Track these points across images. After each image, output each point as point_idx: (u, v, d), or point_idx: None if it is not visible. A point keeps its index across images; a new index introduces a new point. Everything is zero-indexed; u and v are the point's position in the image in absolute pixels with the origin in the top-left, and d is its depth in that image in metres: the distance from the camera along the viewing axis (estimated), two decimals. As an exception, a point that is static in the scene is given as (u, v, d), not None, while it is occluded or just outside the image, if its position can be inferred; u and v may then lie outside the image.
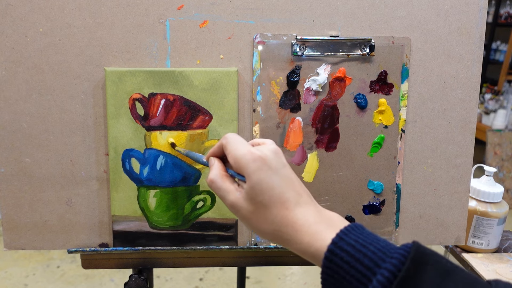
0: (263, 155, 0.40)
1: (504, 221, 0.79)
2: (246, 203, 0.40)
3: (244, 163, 0.40)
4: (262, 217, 0.40)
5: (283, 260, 0.66)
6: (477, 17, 0.59)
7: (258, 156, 0.40)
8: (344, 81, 0.59)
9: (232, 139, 0.43)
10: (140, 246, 0.61)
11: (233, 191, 0.42)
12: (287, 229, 0.39)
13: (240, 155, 0.41)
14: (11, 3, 0.54)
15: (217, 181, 0.43)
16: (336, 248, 0.36)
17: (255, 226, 0.41)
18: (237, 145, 0.42)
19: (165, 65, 0.58)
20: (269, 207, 0.39)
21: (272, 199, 0.39)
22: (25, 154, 0.58)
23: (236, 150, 0.41)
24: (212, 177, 0.43)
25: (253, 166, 0.40)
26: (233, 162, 0.41)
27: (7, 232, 0.61)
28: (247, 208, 0.40)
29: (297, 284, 1.88)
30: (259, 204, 0.40)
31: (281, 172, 0.41)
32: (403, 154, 0.62)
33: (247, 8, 0.57)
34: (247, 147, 0.41)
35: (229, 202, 0.42)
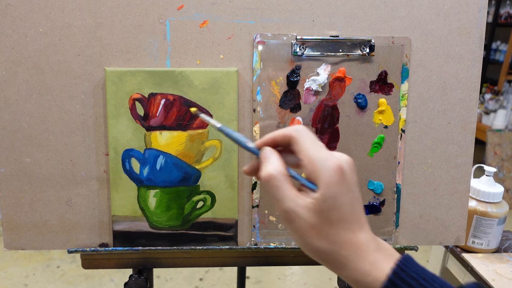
0: (343, 167, 0.35)
1: (504, 221, 0.79)
2: (309, 215, 0.35)
3: (324, 170, 0.35)
4: (324, 234, 0.35)
5: (283, 260, 0.66)
6: (477, 17, 0.59)
7: (339, 167, 0.35)
8: (344, 81, 0.59)
9: (305, 134, 0.37)
10: (140, 246, 0.61)
11: (295, 197, 0.36)
12: (348, 253, 0.35)
13: (319, 158, 0.35)
14: (11, 3, 0.54)
15: (278, 178, 0.36)
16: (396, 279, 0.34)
17: (309, 241, 0.36)
18: (314, 143, 0.36)
19: (165, 65, 0.58)
20: (334, 226, 0.35)
21: (341, 217, 0.35)
22: (25, 154, 0.58)
23: (314, 150, 0.36)
24: (273, 172, 0.36)
25: (333, 177, 0.35)
26: (307, 162, 0.36)
27: (7, 232, 0.61)
28: (308, 220, 0.35)
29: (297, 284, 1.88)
30: (325, 220, 0.35)
31: (355, 190, 0.36)
32: (403, 154, 0.62)
33: (247, 8, 0.57)
34: (327, 151, 0.36)
35: (285, 207, 0.36)
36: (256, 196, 0.61)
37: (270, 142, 0.39)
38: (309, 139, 0.37)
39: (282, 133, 0.38)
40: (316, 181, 0.35)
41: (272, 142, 0.39)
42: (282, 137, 0.38)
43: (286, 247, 0.63)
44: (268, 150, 0.38)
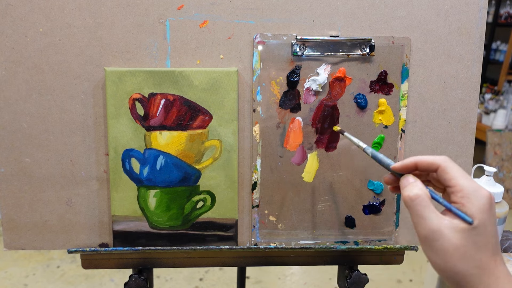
0: (491, 198, 0.38)
1: (504, 221, 0.79)
2: (455, 236, 0.37)
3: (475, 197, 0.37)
4: (468, 257, 0.36)
5: (283, 260, 0.66)
6: (477, 17, 0.59)
7: (488, 197, 0.37)
8: (344, 81, 0.59)
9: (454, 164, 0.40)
10: (140, 246, 0.61)
11: (442, 217, 0.38)
12: (490, 280, 0.36)
13: (472, 187, 0.38)
14: (11, 3, 0.54)
15: (425, 198, 0.38)
16: None
17: (452, 262, 0.37)
18: (465, 174, 0.39)
19: (165, 65, 0.58)
20: (480, 252, 0.37)
21: (487, 245, 0.37)
22: (25, 154, 0.58)
23: (465, 178, 0.38)
24: (420, 192, 0.39)
25: (485, 205, 0.37)
26: (458, 189, 0.38)
27: (7, 232, 0.61)
28: (454, 241, 0.37)
29: (297, 284, 1.88)
30: (472, 244, 0.37)
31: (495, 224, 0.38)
32: (403, 154, 0.62)
33: (247, 8, 0.57)
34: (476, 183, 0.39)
35: (433, 225, 0.37)
36: (256, 196, 0.61)
37: (411, 166, 0.42)
38: (458, 169, 0.39)
39: (429, 160, 0.41)
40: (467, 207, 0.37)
41: (413, 167, 0.42)
42: (428, 164, 0.41)
43: (286, 247, 0.63)
44: (412, 178, 0.41)
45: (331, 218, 0.63)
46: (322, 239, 0.63)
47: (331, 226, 0.63)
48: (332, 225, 0.63)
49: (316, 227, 0.63)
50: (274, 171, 0.61)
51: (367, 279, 0.65)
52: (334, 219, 0.63)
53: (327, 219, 0.63)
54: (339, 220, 0.63)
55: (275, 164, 0.61)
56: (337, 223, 0.63)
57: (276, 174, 0.61)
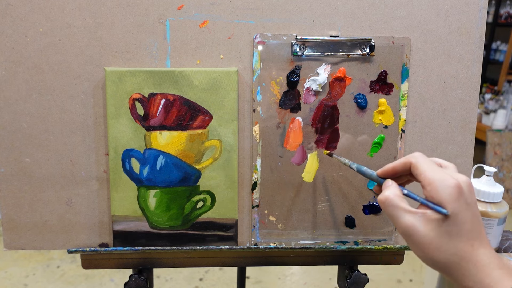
0: (461, 186, 0.38)
1: (504, 221, 0.79)
2: (428, 228, 0.38)
3: (442, 188, 0.38)
4: (444, 247, 0.38)
5: (283, 260, 0.66)
6: (477, 17, 0.59)
7: (457, 185, 0.38)
8: (344, 81, 0.59)
9: (423, 158, 0.41)
10: (140, 246, 0.61)
11: (412, 213, 0.39)
12: (468, 266, 0.38)
13: (438, 178, 0.39)
14: (11, 3, 0.54)
15: (393, 199, 0.40)
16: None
17: (429, 253, 0.39)
18: (433, 167, 0.40)
19: (165, 65, 0.58)
20: (453, 239, 0.38)
21: (460, 233, 0.38)
22: (25, 154, 0.58)
23: (432, 171, 0.40)
24: (389, 194, 0.41)
25: (452, 194, 0.38)
26: (427, 183, 0.39)
27: (7, 232, 0.61)
28: (427, 233, 0.38)
29: (297, 284, 1.88)
30: (444, 234, 0.38)
31: (474, 209, 0.39)
32: (403, 154, 0.62)
33: (247, 8, 0.57)
34: (444, 171, 0.40)
35: (405, 222, 0.39)
36: (256, 196, 0.61)
37: (390, 170, 0.44)
38: (427, 162, 0.41)
39: (402, 161, 0.43)
40: (435, 199, 0.38)
41: (392, 170, 0.44)
42: (403, 165, 0.43)
43: (286, 247, 0.63)
44: (389, 181, 0.43)
45: (331, 218, 0.63)
46: (322, 239, 0.63)
47: (331, 226, 0.63)
48: (332, 225, 0.63)
49: (316, 227, 0.63)
50: (274, 171, 0.61)
51: (367, 279, 0.65)
52: (334, 219, 0.63)
53: (327, 219, 0.63)
54: (339, 220, 0.63)
55: (275, 164, 0.61)
56: (337, 223, 0.63)
57: (276, 174, 0.61)
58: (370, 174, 0.47)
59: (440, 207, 0.38)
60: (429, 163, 0.41)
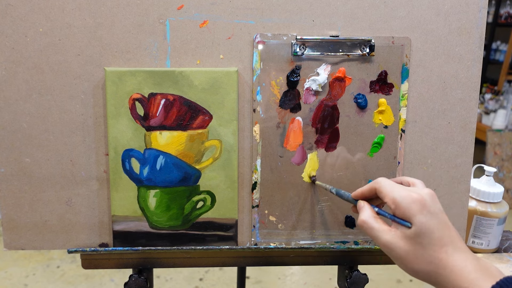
0: (422, 198, 0.42)
1: (504, 221, 0.79)
2: (403, 243, 0.42)
3: (405, 205, 0.42)
4: (420, 258, 0.41)
5: (283, 260, 0.66)
6: (477, 17, 0.59)
7: (417, 199, 0.41)
8: (344, 81, 0.59)
9: (385, 182, 0.45)
10: (140, 246, 0.61)
11: (387, 231, 0.43)
12: (445, 272, 0.40)
13: (399, 197, 0.42)
14: (11, 3, 0.54)
15: (369, 221, 0.44)
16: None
17: (410, 265, 0.42)
18: (393, 187, 0.44)
19: (165, 65, 0.58)
20: (427, 249, 0.41)
21: (431, 241, 0.40)
22: (25, 154, 0.58)
23: (394, 192, 0.43)
24: (365, 218, 0.45)
25: (414, 208, 0.41)
26: (391, 203, 0.43)
27: (7, 232, 0.61)
28: (404, 248, 0.42)
29: (297, 284, 1.88)
30: (417, 245, 0.41)
31: (439, 217, 0.42)
32: (403, 154, 0.62)
33: (247, 8, 0.57)
34: (405, 190, 0.43)
35: (383, 241, 0.43)
36: (256, 196, 0.61)
37: (359, 195, 0.49)
38: (389, 185, 0.45)
39: (367, 187, 0.48)
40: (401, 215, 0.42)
41: (360, 195, 0.49)
42: (369, 190, 0.47)
43: (286, 247, 0.63)
44: (360, 202, 0.48)
45: (331, 218, 0.63)
46: (322, 239, 0.63)
47: (331, 226, 0.63)
48: (332, 225, 0.63)
49: (316, 227, 0.63)
50: (274, 171, 0.61)
51: (367, 279, 0.65)
52: (334, 219, 0.63)
53: (327, 219, 0.63)
54: (339, 220, 0.63)
55: (275, 164, 0.61)
56: (337, 223, 0.63)
57: (276, 174, 0.61)
58: (347, 197, 0.52)
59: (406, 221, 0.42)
60: (391, 185, 0.44)
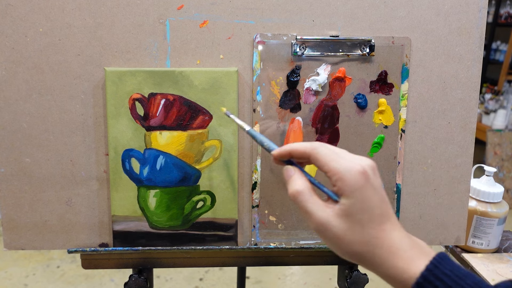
0: (366, 170, 0.37)
1: (504, 221, 0.79)
2: (340, 221, 0.37)
3: (348, 177, 0.37)
4: (357, 236, 0.37)
5: (283, 260, 0.66)
6: (477, 17, 0.59)
7: (362, 171, 0.37)
8: (344, 81, 0.59)
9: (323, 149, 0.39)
10: (140, 246, 0.61)
11: (324, 207, 0.38)
12: (382, 251, 0.37)
13: (342, 168, 0.37)
14: (11, 3, 0.54)
15: (305, 193, 0.39)
16: (430, 275, 0.35)
17: (344, 246, 0.38)
18: (335, 155, 0.38)
19: (165, 65, 0.58)
20: (366, 227, 0.37)
21: (372, 218, 0.37)
22: (25, 154, 0.58)
23: (335, 161, 0.38)
24: (300, 188, 0.39)
25: (359, 181, 0.37)
26: (331, 174, 0.38)
27: (7, 232, 0.61)
28: (340, 227, 0.37)
29: (297, 284, 1.88)
30: (356, 223, 0.37)
31: (381, 192, 0.38)
32: (403, 154, 0.62)
33: (247, 8, 0.57)
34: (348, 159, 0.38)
35: (318, 218, 0.38)
36: (256, 196, 0.61)
37: (287, 155, 0.42)
38: (328, 152, 0.39)
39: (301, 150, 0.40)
40: (342, 189, 0.37)
41: (288, 154, 0.42)
42: (301, 154, 0.41)
43: (286, 247, 0.63)
44: (291, 168, 0.41)
45: (331, 218, 0.63)
46: (322, 239, 0.63)
47: (331, 226, 0.63)
48: (332, 225, 0.63)
49: (316, 227, 0.63)
50: (274, 171, 0.61)
51: (367, 279, 0.65)
52: (334, 219, 0.63)
53: (327, 219, 0.63)
54: (339, 220, 0.63)
55: (275, 164, 0.61)
56: (337, 223, 0.63)
57: (276, 174, 0.61)
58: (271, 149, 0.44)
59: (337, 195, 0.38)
60: (331, 152, 0.39)
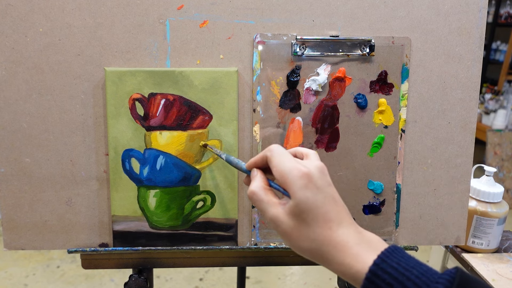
0: (310, 172, 0.39)
1: (504, 221, 0.79)
2: (288, 219, 0.40)
3: (291, 179, 0.39)
4: (304, 234, 0.39)
5: (283, 260, 0.66)
6: (477, 17, 0.59)
7: (304, 173, 0.39)
8: (344, 81, 0.59)
9: (277, 152, 0.42)
10: (140, 246, 0.61)
11: (276, 205, 0.41)
12: (329, 249, 0.38)
13: (286, 170, 0.40)
14: (11, 3, 0.54)
15: (259, 193, 0.42)
16: (378, 269, 0.35)
17: (294, 242, 0.40)
18: (283, 158, 0.41)
19: (165, 65, 0.58)
20: (311, 226, 0.39)
21: (316, 218, 0.39)
22: (25, 154, 0.58)
23: (282, 164, 0.41)
24: (254, 189, 0.42)
25: (300, 183, 0.39)
26: (278, 176, 0.40)
27: (7, 232, 0.61)
28: (288, 224, 0.40)
29: (297, 284, 1.88)
30: (301, 222, 0.39)
31: (326, 191, 0.40)
32: (403, 154, 0.62)
33: (247, 8, 0.57)
34: (293, 162, 0.40)
35: (270, 215, 0.41)
36: (256, 196, 0.61)
37: (255, 163, 0.45)
38: (279, 155, 0.42)
39: (261, 154, 0.44)
40: (288, 189, 0.40)
41: (256, 163, 0.45)
42: (262, 158, 0.44)
43: (286, 247, 0.63)
44: (254, 170, 0.45)
45: (331, 218, 0.63)
46: (322, 239, 0.63)
47: (331, 226, 0.63)
48: (332, 225, 0.63)
49: (316, 227, 0.63)
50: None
51: (367, 279, 0.65)
52: (334, 219, 0.63)
53: (327, 219, 0.63)
54: (339, 220, 0.63)
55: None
56: (337, 223, 0.63)
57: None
58: (240, 166, 0.49)
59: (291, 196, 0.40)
60: (282, 155, 0.42)
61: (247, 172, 0.47)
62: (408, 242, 0.65)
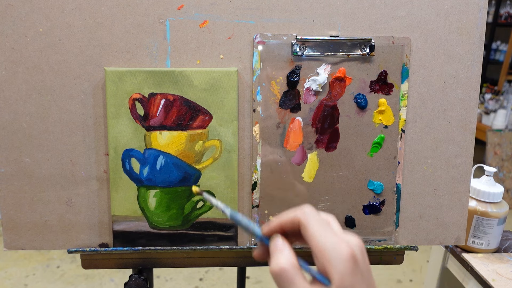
0: (356, 254, 0.33)
1: (504, 221, 0.79)
2: None
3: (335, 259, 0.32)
4: None
5: (283, 260, 0.66)
6: (477, 17, 0.59)
7: (351, 254, 0.33)
8: (344, 81, 0.59)
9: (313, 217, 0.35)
10: (140, 246, 0.61)
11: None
12: None
13: (330, 247, 0.33)
14: (11, 3, 0.54)
15: (291, 271, 0.33)
16: None
17: None
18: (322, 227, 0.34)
19: (165, 65, 0.58)
20: None
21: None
22: (25, 154, 0.58)
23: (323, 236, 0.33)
24: (285, 264, 0.33)
25: (347, 267, 0.32)
26: (318, 251, 0.33)
27: (7, 232, 0.61)
28: None
29: (297, 284, 1.88)
30: None
31: (368, 278, 0.34)
32: (403, 154, 0.62)
33: (247, 8, 0.57)
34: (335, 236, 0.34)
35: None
36: (256, 196, 0.61)
37: (277, 229, 0.37)
38: (317, 222, 0.35)
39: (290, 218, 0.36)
40: (329, 272, 0.33)
41: (279, 228, 0.37)
42: (291, 223, 0.36)
43: (286, 247, 0.63)
44: (280, 241, 0.36)
45: (331, 218, 0.63)
46: (322, 239, 0.63)
47: (331, 226, 0.63)
48: (332, 225, 0.63)
49: (316, 227, 0.63)
50: (274, 171, 0.61)
51: (367, 279, 0.65)
52: (334, 219, 0.63)
53: (327, 219, 0.63)
54: (339, 220, 0.63)
55: (275, 164, 0.61)
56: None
57: (276, 174, 0.61)
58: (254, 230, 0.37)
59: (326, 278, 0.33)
60: (320, 222, 0.35)
61: (263, 239, 0.37)
62: (408, 242, 0.65)
